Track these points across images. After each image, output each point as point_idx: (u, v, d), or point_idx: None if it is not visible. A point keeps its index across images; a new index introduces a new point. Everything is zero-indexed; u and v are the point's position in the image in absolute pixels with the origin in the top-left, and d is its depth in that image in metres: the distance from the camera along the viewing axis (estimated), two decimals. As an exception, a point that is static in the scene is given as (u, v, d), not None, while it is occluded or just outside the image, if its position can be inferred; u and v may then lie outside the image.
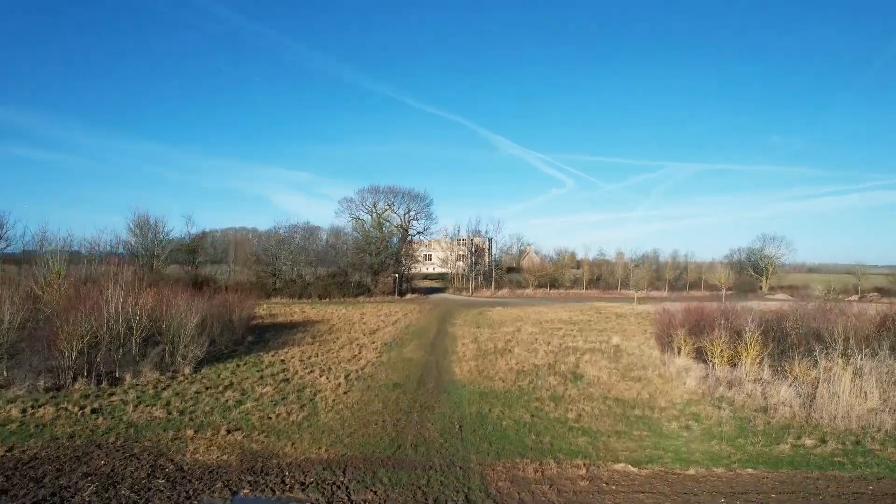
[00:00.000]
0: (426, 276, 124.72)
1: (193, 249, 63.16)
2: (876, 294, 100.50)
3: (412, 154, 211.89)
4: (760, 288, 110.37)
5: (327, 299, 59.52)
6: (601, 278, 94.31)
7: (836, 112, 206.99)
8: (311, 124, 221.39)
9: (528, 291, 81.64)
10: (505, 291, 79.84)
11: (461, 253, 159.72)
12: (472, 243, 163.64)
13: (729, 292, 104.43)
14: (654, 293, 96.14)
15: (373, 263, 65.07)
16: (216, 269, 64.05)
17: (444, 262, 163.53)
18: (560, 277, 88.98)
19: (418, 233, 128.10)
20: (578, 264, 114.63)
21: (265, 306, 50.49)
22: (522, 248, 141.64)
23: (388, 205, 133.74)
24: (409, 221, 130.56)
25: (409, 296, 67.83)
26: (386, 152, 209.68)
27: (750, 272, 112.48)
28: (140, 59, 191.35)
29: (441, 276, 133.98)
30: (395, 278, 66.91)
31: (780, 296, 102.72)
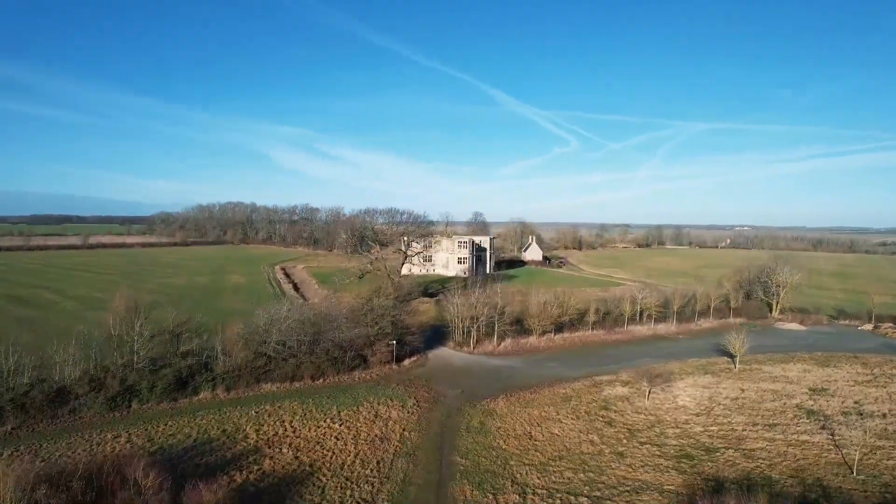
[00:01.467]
0: (427, 284, 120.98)
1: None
2: (891, 325, 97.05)
3: (412, 109, 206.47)
4: (770, 310, 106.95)
5: (321, 380, 56.15)
6: (609, 314, 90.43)
7: (851, 67, 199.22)
8: (311, 79, 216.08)
9: (533, 340, 77.88)
10: (508, 343, 75.99)
11: (462, 256, 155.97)
12: (473, 243, 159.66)
13: (738, 320, 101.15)
14: (661, 327, 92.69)
15: (369, 335, 61.22)
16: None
17: (446, 265, 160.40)
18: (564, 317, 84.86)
19: (417, 253, 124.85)
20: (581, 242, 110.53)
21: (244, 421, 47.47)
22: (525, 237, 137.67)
23: (387, 223, 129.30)
24: (408, 244, 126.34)
25: (407, 361, 64.38)
26: (386, 107, 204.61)
27: (759, 294, 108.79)
28: (134, 13, 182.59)
29: (442, 283, 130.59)
30: (392, 346, 63.15)
31: (792, 325, 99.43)
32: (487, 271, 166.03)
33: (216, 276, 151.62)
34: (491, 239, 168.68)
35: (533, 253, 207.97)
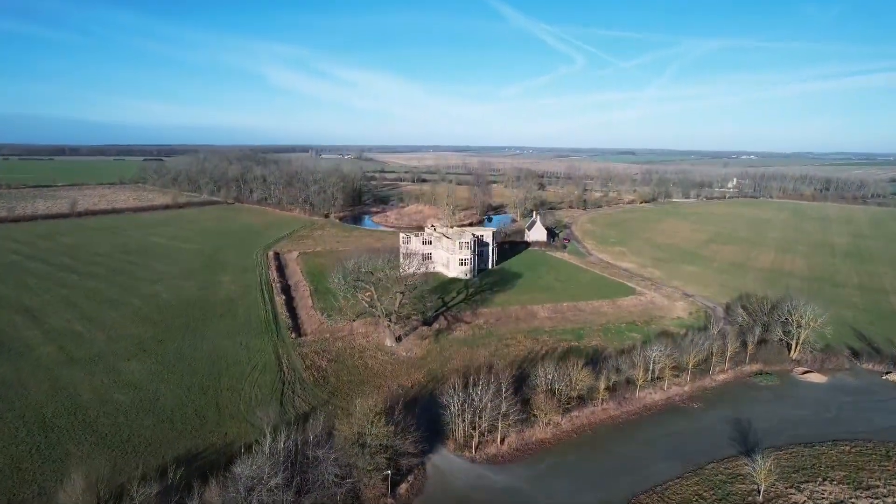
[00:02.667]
0: (424, 296, 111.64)
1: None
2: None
3: (416, 26, 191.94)
4: (790, 350, 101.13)
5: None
6: (618, 384, 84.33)
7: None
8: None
9: (538, 432, 72.11)
10: (513, 440, 70.31)
11: (464, 257, 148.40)
12: (474, 243, 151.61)
13: (755, 367, 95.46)
14: (675, 391, 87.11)
15: (362, 469, 55.57)
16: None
17: (446, 264, 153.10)
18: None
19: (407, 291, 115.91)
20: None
21: None
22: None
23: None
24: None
25: (403, 486, 58.99)
26: (387, 24, 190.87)
27: (779, 333, 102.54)
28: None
29: (443, 288, 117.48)
30: (388, 476, 57.69)
31: (812, 377, 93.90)
32: (489, 266, 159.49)
33: (207, 276, 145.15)
34: (493, 232, 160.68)
35: (537, 233, 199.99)
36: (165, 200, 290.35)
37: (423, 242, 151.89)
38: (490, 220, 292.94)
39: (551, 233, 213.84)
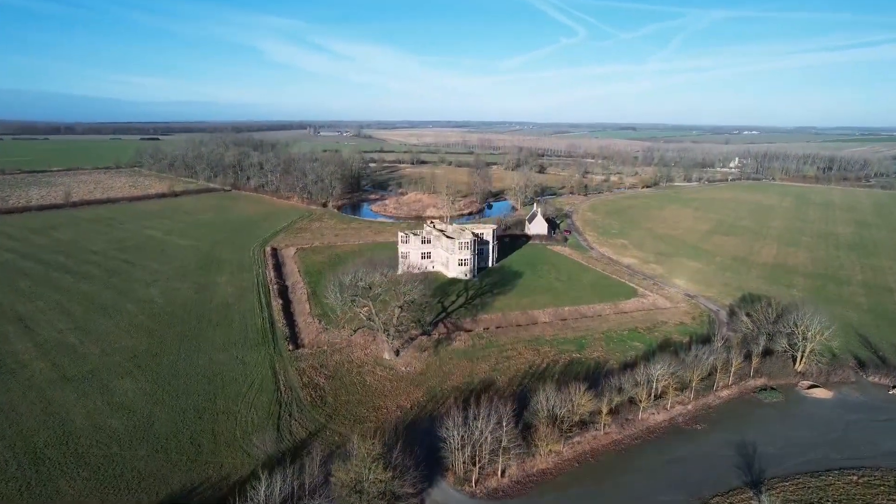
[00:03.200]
0: (424, 304, 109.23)
1: None
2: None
3: None
4: (794, 362, 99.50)
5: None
6: (622, 405, 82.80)
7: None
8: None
9: (540, 462, 70.71)
10: (514, 471, 68.98)
11: (463, 258, 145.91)
12: (475, 243, 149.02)
13: (760, 382, 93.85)
14: (678, 410, 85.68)
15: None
16: None
17: (445, 264, 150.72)
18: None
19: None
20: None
21: None
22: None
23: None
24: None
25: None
26: None
27: (784, 344, 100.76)
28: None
29: (443, 291, 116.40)
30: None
31: (818, 392, 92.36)
32: (490, 264, 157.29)
33: (203, 276, 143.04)
34: (493, 229, 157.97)
35: (538, 226, 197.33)
36: (161, 188, 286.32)
37: (423, 241, 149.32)
38: (490, 206, 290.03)
39: (552, 224, 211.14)
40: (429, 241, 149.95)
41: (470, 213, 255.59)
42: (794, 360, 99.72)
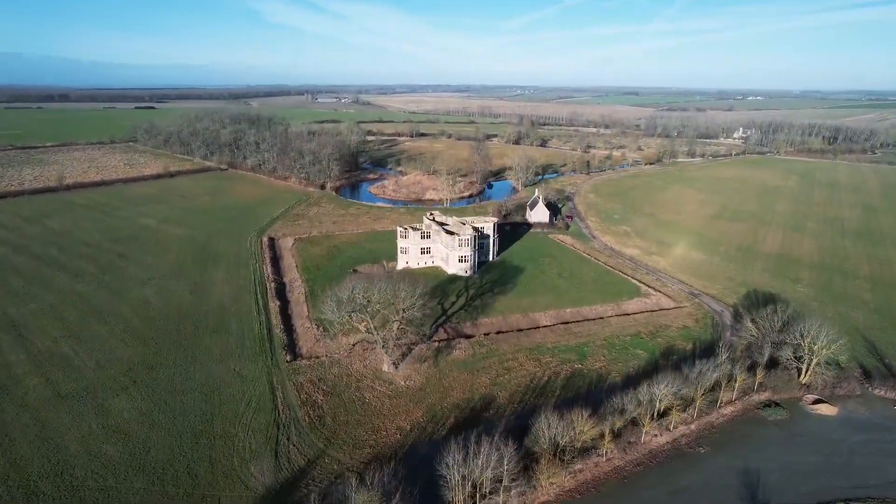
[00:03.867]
0: (426, 309, 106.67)
1: None
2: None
3: None
4: (799, 374, 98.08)
5: None
6: (624, 429, 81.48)
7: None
8: None
9: (541, 496, 70.02)
10: (515, 505, 67.97)
11: (463, 255, 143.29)
12: (475, 238, 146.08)
13: (764, 396, 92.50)
14: (681, 430, 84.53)
15: None
16: None
17: (445, 260, 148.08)
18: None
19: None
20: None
21: None
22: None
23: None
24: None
25: None
26: None
27: (789, 354, 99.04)
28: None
29: (442, 291, 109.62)
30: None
31: (823, 409, 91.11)
32: (490, 258, 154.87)
33: (199, 273, 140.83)
34: (494, 223, 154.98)
35: (539, 214, 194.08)
36: (157, 169, 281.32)
37: (422, 237, 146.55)
38: (490, 186, 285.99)
39: (554, 210, 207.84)
40: (428, 236, 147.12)
41: (470, 196, 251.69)
42: (799, 372, 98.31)
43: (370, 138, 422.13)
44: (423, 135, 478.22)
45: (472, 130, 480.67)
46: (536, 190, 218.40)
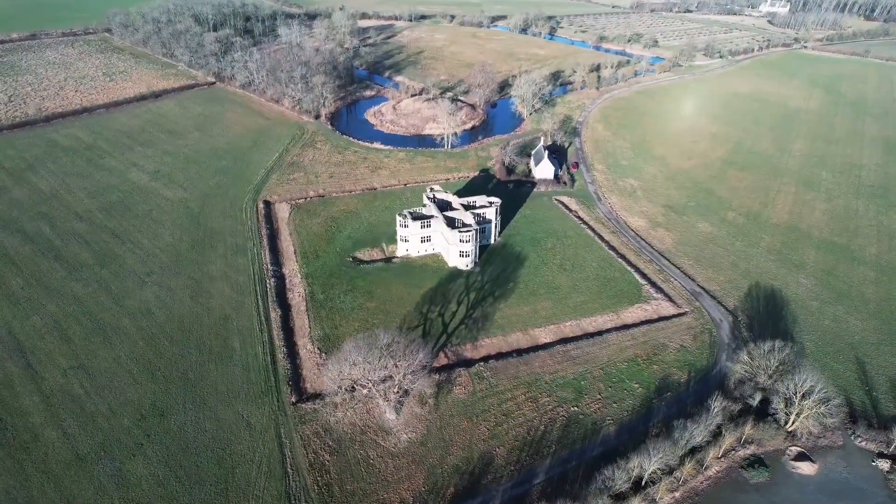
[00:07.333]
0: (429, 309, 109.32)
1: None
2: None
3: None
4: (785, 423, 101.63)
5: None
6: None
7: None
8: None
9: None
10: None
11: (464, 250, 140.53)
12: (476, 232, 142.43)
13: (748, 452, 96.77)
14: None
15: None
16: None
17: (446, 251, 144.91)
18: None
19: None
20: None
21: None
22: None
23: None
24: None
25: None
26: None
27: (780, 406, 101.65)
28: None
29: (443, 292, 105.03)
30: None
31: (804, 467, 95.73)
32: (492, 241, 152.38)
33: (197, 262, 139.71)
34: (497, 206, 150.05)
35: (544, 170, 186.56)
36: (139, 86, 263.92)
37: (423, 226, 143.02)
38: (494, 105, 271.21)
39: (560, 155, 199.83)
40: (429, 226, 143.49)
41: (472, 128, 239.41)
42: (787, 417, 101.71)
43: (366, 24, 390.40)
44: (423, 17, 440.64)
45: (476, 13, 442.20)
46: (541, 139, 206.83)
